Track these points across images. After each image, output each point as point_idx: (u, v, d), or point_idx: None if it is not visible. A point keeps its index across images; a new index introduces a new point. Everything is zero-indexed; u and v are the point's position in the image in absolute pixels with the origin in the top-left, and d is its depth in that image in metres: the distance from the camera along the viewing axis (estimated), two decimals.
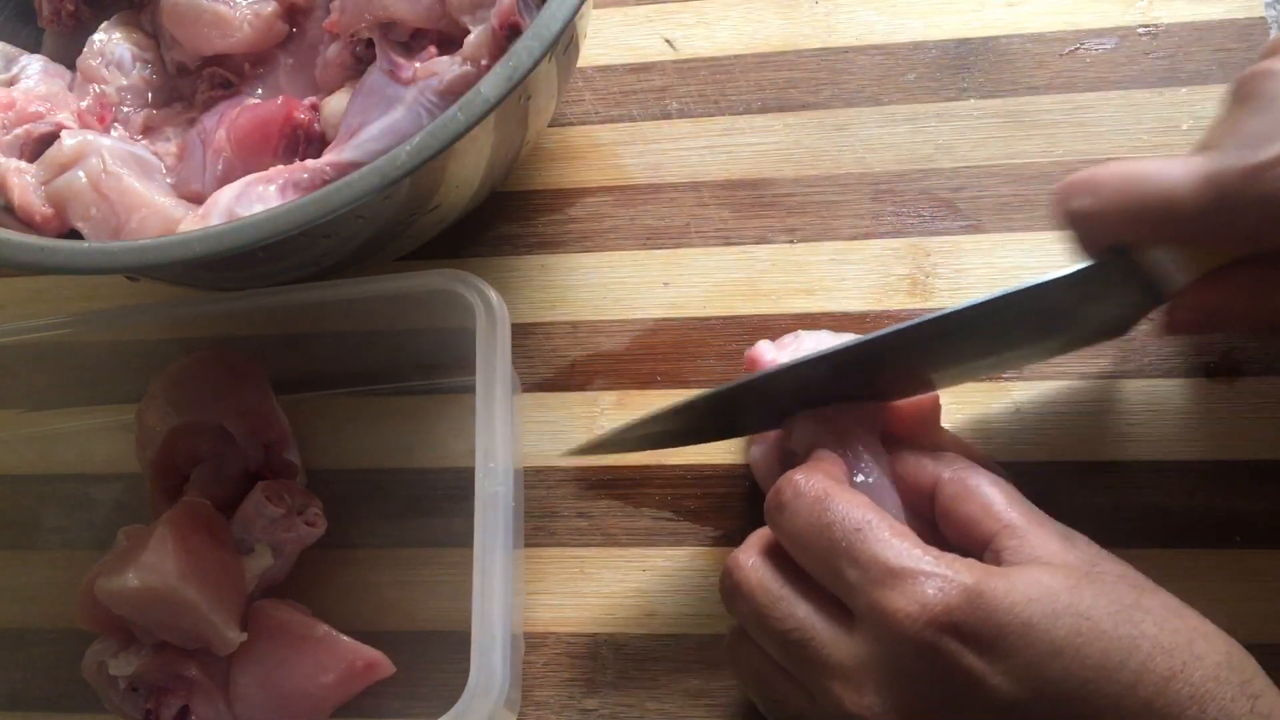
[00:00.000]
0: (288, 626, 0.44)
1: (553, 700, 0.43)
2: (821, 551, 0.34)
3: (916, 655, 0.31)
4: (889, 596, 0.32)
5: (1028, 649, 0.30)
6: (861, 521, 0.34)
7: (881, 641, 0.32)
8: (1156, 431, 0.43)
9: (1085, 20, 0.51)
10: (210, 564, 0.42)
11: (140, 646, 0.43)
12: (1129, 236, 0.35)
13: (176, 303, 0.48)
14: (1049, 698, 0.30)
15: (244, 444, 0.46)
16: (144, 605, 0.41)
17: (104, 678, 0.43)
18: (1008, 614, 0.31)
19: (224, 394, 0.46)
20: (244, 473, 0.47)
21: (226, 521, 0.45)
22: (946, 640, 0.31)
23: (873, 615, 0.32)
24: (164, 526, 0.42)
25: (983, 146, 0.50)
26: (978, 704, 0.31)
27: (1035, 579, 0.32)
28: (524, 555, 0.46)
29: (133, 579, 0.41)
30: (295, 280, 0.49)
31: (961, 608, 0.31)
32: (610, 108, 0.54)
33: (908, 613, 0.31)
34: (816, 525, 0.34)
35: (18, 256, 0.40)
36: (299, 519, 0.45)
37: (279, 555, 0.45)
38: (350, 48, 0.47)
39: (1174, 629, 0.31)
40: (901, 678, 0.32)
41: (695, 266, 0.50)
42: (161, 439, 0.46)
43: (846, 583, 0.33)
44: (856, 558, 0.33)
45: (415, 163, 0.38)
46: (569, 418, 0.48)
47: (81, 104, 0.49)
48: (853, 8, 0.54)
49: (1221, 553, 0.41)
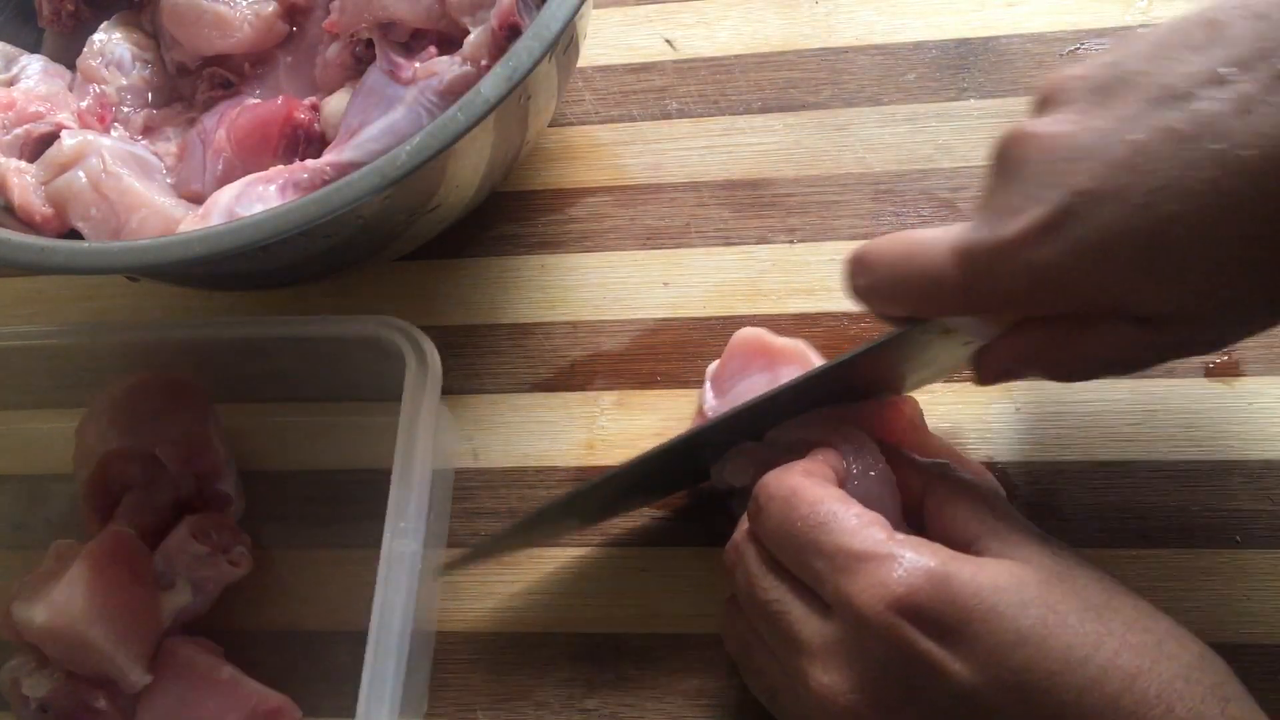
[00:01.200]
0: (194, 667, 0.43)
1: (553, 700, 0.43)
2: (793, 549, 0.34)
3: (877, 639, 0.31)
4: (852, 581, 0.32)
5: (990, 636, 0.30)
6: (826, 514, 0.34)
7: (847, 625, 0.32)
8: (1156, 431, 0.43)
9: (1085, 20, 0.51)
10: (123, 602, 0.43)
11: (54, 669, 0.43)
12: (906, 313, 0.35)
13: (122, 326, 0.50)
14: (1011, 688, 0.30)
15: (176, 473, 0.46)
16: (51, 640, 0.42)
17: (17, 694, 0.43)
18: (973, 599, 0.31)
19: (160, 421, 0.46)
20: (175, 501, 0.47)
21: (150, 553, 0.45)
22: (906, 625, 0.31)
23: (839, 601, 0.33)
24: (80, 563, 0.42)
25: (983, 146, 0.49)
26: (937, 690, 0.31)
27: (1006, 569, 0.32)
28: (445, 555, 0.46)
29: (40, 615, 0.41)
30: (295, 280, 0.50)
31: (924, 589, 0.31)
32: (610, 108, 0.54)
33: (870, 595, 0.31)
34: (785, 523, 0.35)
35: (18, 256, 0.40)
36: (224, 557, 0.45)
37: (199, 592, 0.45)
38: (350, 48, 0.47)
39: (1144, 628, 0.31)
40: (864, 660, 0.32)
41: (695, 266, 0.50)
42: (96, 461, 0.46)
43: (816, 573, 0.34)
44: (821, 548, 0.33)
45: (415, 163, 0.38)
46: (569, 418, 0.48)
47: (81, 104, 0.49)
48: (853, 8, 0.54)
49: (1221, 553, 0.41)
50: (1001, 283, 0.31)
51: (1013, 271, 0.31)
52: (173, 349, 0.48)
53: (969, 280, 0.32)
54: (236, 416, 0.49)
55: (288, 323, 0.47)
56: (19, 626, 0.42)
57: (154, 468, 0.46)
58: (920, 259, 0.33)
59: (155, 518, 0.46)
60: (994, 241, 0.31)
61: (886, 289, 0.35)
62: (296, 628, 0.46)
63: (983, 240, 0.31)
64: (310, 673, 0.45)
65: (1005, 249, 0.31)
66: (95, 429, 0.46)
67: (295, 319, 0.49)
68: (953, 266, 0.32)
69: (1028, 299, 0.32)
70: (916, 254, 0.34)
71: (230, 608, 0.46)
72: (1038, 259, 0.30)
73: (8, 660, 0.44)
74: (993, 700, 0.30)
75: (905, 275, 0.34)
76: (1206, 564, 0.41)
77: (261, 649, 0.46)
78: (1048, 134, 0.30)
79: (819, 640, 0.33)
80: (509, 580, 0.45)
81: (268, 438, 0.50)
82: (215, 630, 0.46)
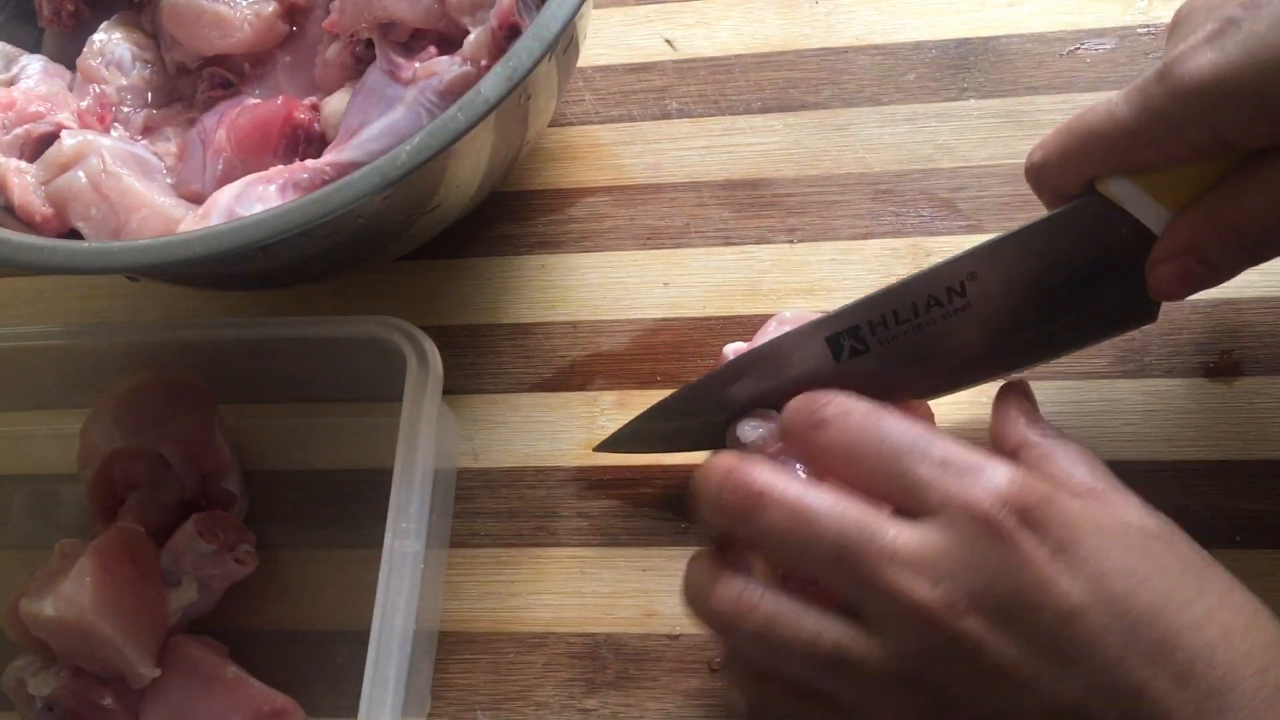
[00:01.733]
0: (199, 666, 0.44)
1: (553, 700, 0.43)
2: (884, 458, 0.33)
3: (992, 541, 0.31)
4: (970, 483, 0.32)
5: (1098, 560, 0.31)
6: (924, 431, 0.34)
7: (956, 529, 0.31)
8: (1156, 431, 0.43)
9: (1085, 20, 0.51)
10: (131, 597, 0.43)
11: (60, 668, 0.43)
12: (1079, 174, 0.35)
13: (125, 327, 0.50)
14: (1117, 614, 0.30)
15: (181, 472, 0.46)
16: (60, 634, 0.42)
17: (22, 694, 0.43)
18: (1080, 517, 0.31)
19: (165, 420, 0.46)
20: (180, 500, 0.47)
21: (156, 551, 0.45)
22: (1023, 530, 0.31)
23: (951, 503, 0.32)
24: (88, 557, 0.42)
25: (983, 146, 0.49)
26: (1046, 606, 0.30)
27: (1110, 512, 0.33)
28: (447, 555, 0.46)
29: (49, 608, 0.41)
30: (295, 280, 0.50)
31: (1041, 501, 0.31)
32: (610, 108, 0.54)
33: (989, 495, 0.31)
34: (873, 435, 0.34)
35: (18, 256, 0.40)
36: (230, 555, 0.45)
37: (205, 590, 0.45)
38: (350, 48, 0.47)
39: (1239, 597, 0.32)
40: (973, 569, 0.31)
41: (695, 266, 0.50)
42: (100, 460, 0.46)
43: (916, 480, 0.33)
44: (929, 453, 0.33)
45: (415, 163, 0.38)
46: (569, 417, 0.48)
47: (81, 104, 0.49)
48: (853, 8, 0.54)
49: (1221, 553, 0.41)
50: (1169, 104, 0.32)
51: (1180, 88, 0.32)
52: (174, 349, 0.48)
53: (1139, 111, 0.33)
54: (236, 417, 0.49)
55: (289, 323, 0.47)
56: (27, 623, 0.42)
57: (159, 467, 0.46)
58: (1091, 112, 0.34)
59: (160, 517, 0.46)
60: (1161, 67, 0.32)
61: (1057, 152, 0.35)
62: (298, 627, 0.46)
63: (1151, 73, 0.33)
64: (311, 672, 0.45)
65: (1171, 67, 0.32)
66: (99, 428, 0.46)
67: (296, 319, 0.49)
68: (1123, 104, 0.33)
69: (1195, 118, 0.32)
70: (1088, 112, 0.35)
71: (232, 607, 0.47)
72: (1204, 65, 0.31)
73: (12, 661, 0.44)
74: (1096, 624, 0.30)
75: (1076, 127, 0.35)
76: None
77: (263, 648, 0.46)
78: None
79: (922, 549, 0.31)
80: (509, 580, 0.45)
81: (268, 438, 0.50)
82: (217, 629, 0.46)
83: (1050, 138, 0.36)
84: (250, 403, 0.50)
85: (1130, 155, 0.34)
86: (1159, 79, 0.32)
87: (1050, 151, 0.36)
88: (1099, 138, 0.34)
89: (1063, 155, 0.35)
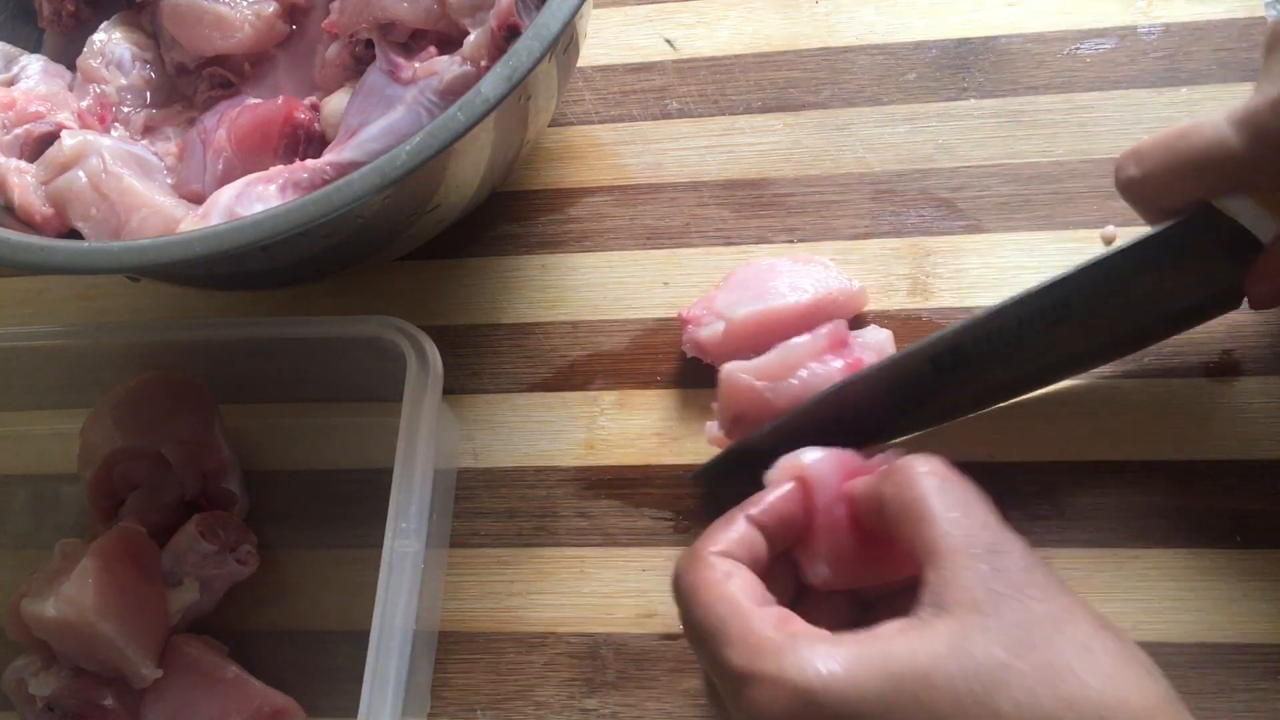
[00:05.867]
0: (199, 666, 0.44)
1: (553, 700, 0.43)
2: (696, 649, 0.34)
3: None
4: (735, 704, 0.31)
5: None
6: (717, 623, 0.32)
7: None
8: (1156, 431, 0.43)
9: (1085, 20, 0.51)
10: (132, 597, 0.43)
11: (61, 668, 0.43)
12: (1189, 193, 0.36)
13: (126, 327, 0.50)
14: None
15: (181, 472, 0.46)
16: (61, 634, 0.42)
17: (23, 694, 0.43)
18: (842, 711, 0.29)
19: (166, 420, 0.46)
20: (180, 501, 0.47)
21: (158, 550, 0.45)
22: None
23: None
24: (89, 558, 0.42)
25: (983, 146, 0.50)
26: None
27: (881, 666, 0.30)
28: (447, 555, 0.46)
29: (51, 609, 0.41)
30: (295, 280, 0.50)
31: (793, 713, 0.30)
32: (610, 108, 0.54)
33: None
34: (687, 624, 0.34)
35: (18, 256, 0.40)
36: (231, 556, 0.45)
37: (206, 590, 0.45)
38: (350, 48, 0.47)
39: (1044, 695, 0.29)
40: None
41: (695, 266, 0.50)
42: (101, 460, 0.46)
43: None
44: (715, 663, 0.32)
45: (415, 163, 0.38)
46: (569, 417, 0.48)
47: (81, 104, 0.49)
48: (853, 8, 0.54)
49: (1221, 553, 0.41)
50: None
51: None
52: (174, 349, 0.48)
53: (1253, 140, 0.33)
54: (237, 417, 0.49)
55: (289, 323, 0.47)
56: (28, 623, 0.42)
57: (159, 467, 0.46)
58: (1196, 134, 0.34)
59: (161, 516, 0.46)
60: (1273, 99, 0.32)
61: (1161, 171, 0.35)
62: (298, 627, 0.46)
63: (1265, 99, 0.32)
64: (312, 672, 0.45)
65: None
66: (100, 428, 0.46)
67: (296, 319, 0.49)
68: (1233, 132, 0.33)
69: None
70: (1191, 131, 0.34)
71: (233, 607, 0.47)
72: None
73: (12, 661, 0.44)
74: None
75: (1182, 150, 0.35)
76: (1206, 564, 0.41)
77: (264, 648, 0.46)
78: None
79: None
80: (509, 580, 0.45)
81: (269, 438, 0.50)
82: (218, 629, 0.46)
83: (1149, 154, 0.36)
84: (250, 403, 0.50)
85: (1246, 181, 0.35)
86: (1272, 110, 0.32)
87: (1151, 170, 0.36)
88: (1213, 164, 0.34)
89: (1169, 175, 0.36)
